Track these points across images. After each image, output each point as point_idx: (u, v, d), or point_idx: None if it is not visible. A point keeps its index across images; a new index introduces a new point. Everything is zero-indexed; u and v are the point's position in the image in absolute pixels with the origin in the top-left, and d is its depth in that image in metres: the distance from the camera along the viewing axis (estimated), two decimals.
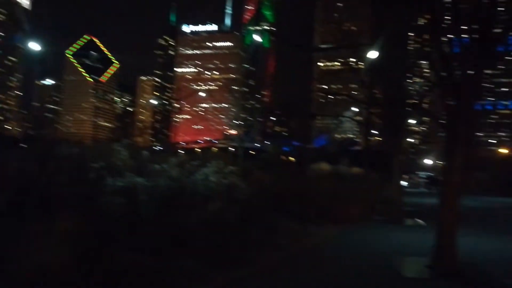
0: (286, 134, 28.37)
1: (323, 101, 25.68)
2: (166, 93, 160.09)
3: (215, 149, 32.65)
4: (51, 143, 7.64)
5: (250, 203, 8.61)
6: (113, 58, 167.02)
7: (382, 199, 17.50)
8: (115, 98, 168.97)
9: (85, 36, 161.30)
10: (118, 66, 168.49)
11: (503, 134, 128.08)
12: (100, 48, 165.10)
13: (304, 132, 27.49)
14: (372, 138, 26.40)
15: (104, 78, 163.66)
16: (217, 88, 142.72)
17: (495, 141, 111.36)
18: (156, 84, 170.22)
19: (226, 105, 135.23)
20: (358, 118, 22.25)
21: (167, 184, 6.99)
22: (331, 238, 11.06)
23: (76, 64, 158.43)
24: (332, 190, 14.36)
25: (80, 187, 5.95)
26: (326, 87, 27.57)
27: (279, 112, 25.92)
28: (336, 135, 52.12)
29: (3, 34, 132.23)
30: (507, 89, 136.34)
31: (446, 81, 7.50)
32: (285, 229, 10.41)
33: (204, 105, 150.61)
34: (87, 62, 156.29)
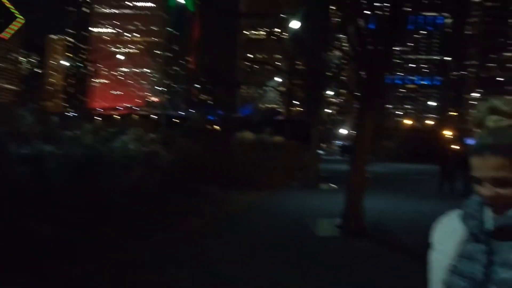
0: (211, 103, 28.13)
1: (248, 70, 25.77)
2: (81, 55, 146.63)
3: (136, 116, 31.31)
4: None
5: (172, 171, 8.53)
6: (16, 12, 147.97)
7: (301, 166, 18.48)
8: (20, 58, 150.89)
9: None
10: (23, 22, 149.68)
11: (409, 106, 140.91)
12: (0, 1, 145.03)
13: (229, 101, 27.51)
14: (294, 108, 27.42)
15: (6, 34, 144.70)
16: (137, 51, 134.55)
17: (401, 113, 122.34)
18: (69, 44, 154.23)
19: (148, 70, 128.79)
20: (281, 88, 22.85)
21: (80, 152, 6.58)
22: (253, 203, 11.49)
23: None
24: (255, 158, 14.78)
25: None
26: (252, 56, 27.63)
27: (204, 80, 25.43)
28: (261, 105, 53.09)
29: None
30: (414, 65, 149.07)
31: (360, 55, 7.99)
32: (208, 196, 10.56)
33: (123, 69, 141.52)
34: None
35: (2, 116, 7.17)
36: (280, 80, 23.53)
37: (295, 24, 12.68)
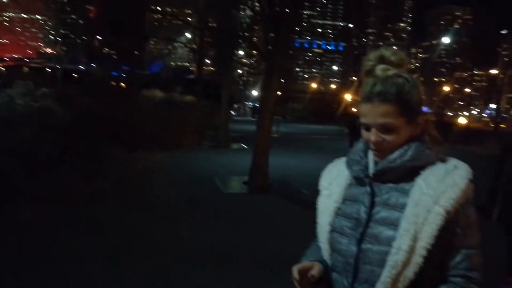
0: (116, 57, 26.07)
1: (157, 23, 24.29)
2: None
3: (26, 68, 27.80)
4: None
5: (70, 130, 7.89)
6: None
7: (212, 126, 18.48)
8: None
9: None
10: None
11: (314, 70, 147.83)
12: None
13: (136, 56, 25.84)
14: (206, 68, 26.87)
15: None
16: None
17: (308, 76, 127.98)
18: None
19: (40, 17, 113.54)
20: (192, 45, 22.08)
21: None
22: (161, 163, 11.28)
23: None
24: (164, 117, 14.35)
25: None
26: (160, 8, 25.97)
27: (107, 32, 23.27)
28: (171, 62, 51.02)
29: None
30: (320, 30, 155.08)
31: (268, 15, 8.03)
32: (113, 156, 10.09)
33: (9, 14, 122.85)
34: None
35: None
36: (190, 36, 22.69)
37: None
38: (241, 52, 25.15)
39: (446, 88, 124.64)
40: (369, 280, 1.12)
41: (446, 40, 79.88)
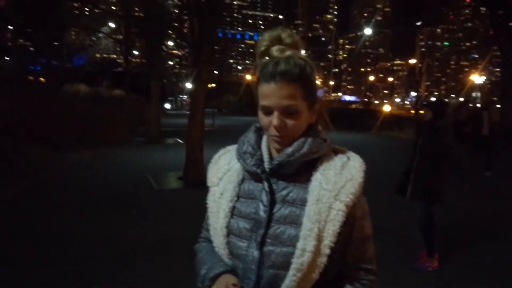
0: (33, 49, 23.90)
1: (77, 12, 22.67)
2: None
3: None
4: None
5: None
6: None
7: (144, 121, 17.78)
8: None
9: None
10: None
11: (248, 62, 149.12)
12: None
13: (56, 48, 23.94)
14: (134, 60, 25.70)
15: None
16: None
17: (242, 68, 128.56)
18: None
19: None
20: (118, 36, 20.97)
21: None
22: (87, 162, 10.61)
23: None
24: (91, 113, 13.53)
25: None
26: None
27: (20, 20, 21.14)
28: (97, 55, 48.18)
29: None
30: (251, 21, 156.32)
31: (192, 4, 7.82)
32: (33, 157, 9.29)
33: None
34: None
35: None
36: (114, 26, 21.51)
37: None
38: (171, 43, 24.43)
39: (372, 78, 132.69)
40: (272, 284, 1.05)
41: (368, 31, 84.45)
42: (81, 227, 5.40)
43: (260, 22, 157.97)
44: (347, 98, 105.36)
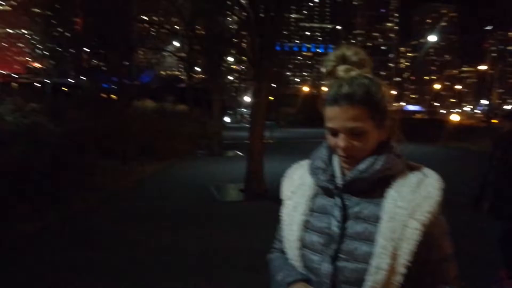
0: (105, 69, 25.95)
1: (144, 33, 24.29)
2: None
3: (15, 84, 27.61)
4: None
5: (61, 145, 7.79)
6: None
7: (205, 134, 18.43)
8: None
9: None
10: None
11: (306, 74, 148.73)
12: None
13: (126, 67, 25.72)
14: (196, 76, 26.85)
15: None
16: (10, 9, 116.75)
17: (300, 80, 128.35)
18: None
19: (26, 32, 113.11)
20: (181, 54, 22.07)
21: None
22: (155, 174, 11.19)
23: None
24: (157, 128, 14.29)
25: None
26: (147, 18, 25.95)
27: (94, 43, 23.15)
28: (161, 72, 50.98)
29: None
30: (309, 33, 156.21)
31: (253, 20, 8.03)
32: (105, 169, 9.98)
33: None
34: None
35: None
36: (178, 45, 22.69)
37: None
38: (231, 59, 25.21)
39: (437, 86, 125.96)
40: None
41: (433, 38, 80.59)
42: (148, 236, 5.69)
43: (318, 34, 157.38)
44: (411, 107, 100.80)
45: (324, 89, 1.12)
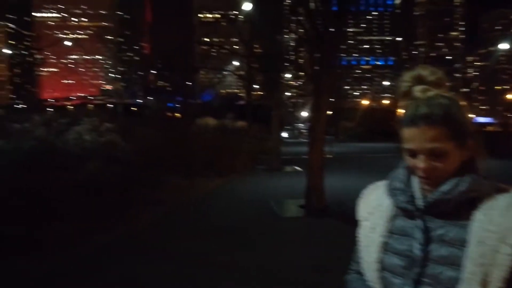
0: (170, 89, 27.45)
1: (206, 54, 25.41)
2: (25, 42, 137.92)
3: (91, 106, 30.12)
4: None
5: (131, 161, 8.34)
6: None
7: (264, 150, 18.64)
8: None
9: None
10: None
11: (365, 87, 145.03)
12: None
13: (188, 87, 27.00)
14: (255, 93, 27.44)
15: None
16: (87, 37, 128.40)
17: (359, 93, 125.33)
18: (10, 31, 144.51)
19: (100, 57, 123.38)
20: (240, 72, 22.72)
21: (31, 146, 6.28)
22: (216, 189, 11.49)
23: None
24: (217, 144, 14.73)
25: None
26: (208, 40, 27.11)
27: (160, 66, 24.79)
28: (221, 90, 52.70)
29: None
30: (368, 46, 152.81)
31: (312, 36, 8.08)
32: (170, 184, 10.46)
33: (73, 56, 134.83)
34: None
35: None
36: (238, 64, 23.41)
37: (247, 6, 12.60)
38: (288, 75, 25.46)
39: (510, 96, 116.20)
40: None
41: (504, 45, 74.86)
42: (210, 251, 5.80)
43: (377, 46, 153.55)
44: (481, 119, 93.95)
45: (400, 110, 1.10)
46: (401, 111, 1.10)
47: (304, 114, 56.34)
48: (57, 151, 6.73)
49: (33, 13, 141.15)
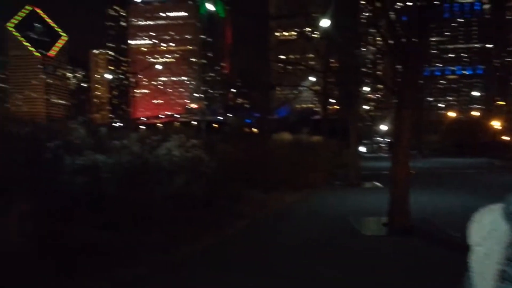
0: (248, 106, 28.46)
1: (282, 71, 25.91)
2: (122, 67, 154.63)
3: (177, 123, 32.33)
4: (2, 122, 7.28)
5: (214, 175, 8.77)
6: (60, 30, 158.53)
7: (341, 164, 18.28)
8: (67, 73, 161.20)
9: (26, 6, 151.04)
10: (66, 39, 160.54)
11: (451, 98, 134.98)
12: (45, 20, 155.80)
13: (265, 103, 27.71)
14: (331, 107, 27.17)
15: (52, 52, 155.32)
16: (174, 60, 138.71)
17: (444, 105, 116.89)
18: (110, 57, 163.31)
19: (185, 78, 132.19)
20: (315, 87, 22.72)
21: (129, 160, 6.96)
22: (294, 203, 11.53)
23: (20, 38, 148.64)
24: (294, 158, 14.81)
25: (36, 167, 5.80)
26: (284, 57, 27.62)
27: (239, 84, 25.86)
28: (296, 105, 52.93)
29: None
30: (453, 55, 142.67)
31: (394, 48, 7.86)
32: (249, 198, 10.73)
33: (162, 78, 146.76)
34: (32, 35, 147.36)
35: (57, 129, 7.72)
36: (314, 79, 23.45)
37: (325, 23, 12.65)
38: (366, 88, 24.84)
39: None
40: None
41: None
42: (290, 265, 5.83)
43: (464, 55, 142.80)
44: None
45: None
46: None
47: (384, 127, 54.07)
48: (150, 165, 7.40)
49: (128, 41, 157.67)
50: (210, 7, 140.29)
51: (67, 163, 6.32)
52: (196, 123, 31.88)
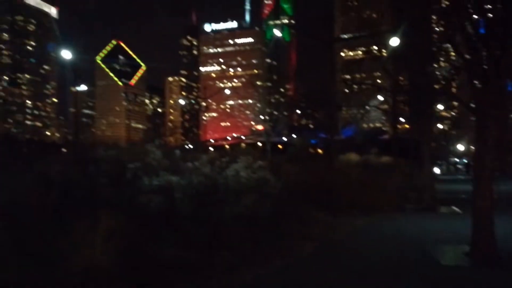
0: (312, 127, 28.31)
1: (348, 91, 25.50)
2: (193, 93, 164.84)
3: (243, 144, 33.05)
4: (90, 147, 8.05)
5: (281, 196, 8.77)
6: (140, 61, 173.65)
7: (413, 187, 17.24)
8: (145, 100, 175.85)
9: (112, 41, 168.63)
10: (145, 68, 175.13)
11: None
12: (127, 52, 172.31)
13: (331, 124, 27.38)
14: (400, 126, 26.02)
15: (133, 81, 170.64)
16: (241, 84, 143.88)
17: None
18: (183, 84, 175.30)
19: (251, 101, 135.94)
20: (384, 106, 21.95)
21: (200, 181, 7.25)
22: (363, 228, 11.06)
23: (106, 69, 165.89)
24: (361, 180, 14.30)
25: (119, 187, 6.28)
26: (350, 77, 27.22)
27: (304, 105, 25.92)
28: (364, 125, 51.45)
29: (35, 44, 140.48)
30: None
31: (471, 64, 7.35)
32: (316, 220, 10.52)
33: (230, 102, 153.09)
34: (116, 66, 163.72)
35: (136, 152, 8.31)
36: (382, 98, 22.71)
37: (395, 41, 12.27)
38: (440, 106, 23.48)
39: None
40: None
41: None
42: None
43: None
44: None
45: None
46: None
47: (460, 147, 50.34)
48: (219, 186, 7.63)
49: (200, 68, 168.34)
50: (276, 33, 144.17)
51: (145, 184, 6.76)
52: (261, 144, 32.36)
